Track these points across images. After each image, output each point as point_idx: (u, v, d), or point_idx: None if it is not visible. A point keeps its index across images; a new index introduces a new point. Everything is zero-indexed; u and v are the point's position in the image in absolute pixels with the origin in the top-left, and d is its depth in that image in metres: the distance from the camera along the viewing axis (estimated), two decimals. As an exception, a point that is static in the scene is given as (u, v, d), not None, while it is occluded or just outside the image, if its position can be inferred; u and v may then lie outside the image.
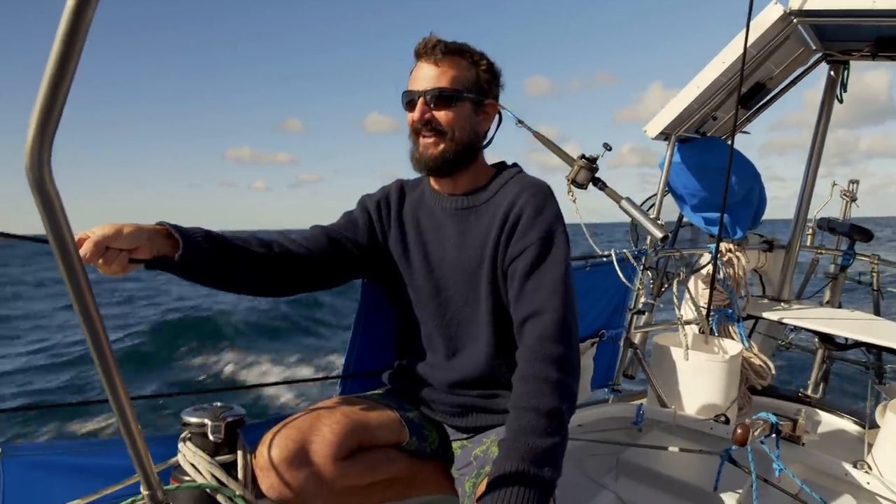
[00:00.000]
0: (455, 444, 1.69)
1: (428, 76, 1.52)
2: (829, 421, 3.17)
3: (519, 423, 1.31)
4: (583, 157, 2.51)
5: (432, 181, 1.66)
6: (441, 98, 1.52)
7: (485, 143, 1.66)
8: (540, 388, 1.34)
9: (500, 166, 1.70)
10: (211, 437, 1.20)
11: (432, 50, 1.51)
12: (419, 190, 1.73)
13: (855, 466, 2.24)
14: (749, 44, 2.64)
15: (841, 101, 3.57)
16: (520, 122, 2.24)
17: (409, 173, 1.71)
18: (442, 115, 1.53)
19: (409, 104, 1.55)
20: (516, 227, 1.51)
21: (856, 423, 3.07)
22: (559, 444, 1.31)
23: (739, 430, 1.80)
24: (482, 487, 1.32)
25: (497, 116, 1.67)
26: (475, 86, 1.57)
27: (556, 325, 1.40)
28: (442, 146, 1.54)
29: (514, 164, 1.70)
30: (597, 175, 2.50)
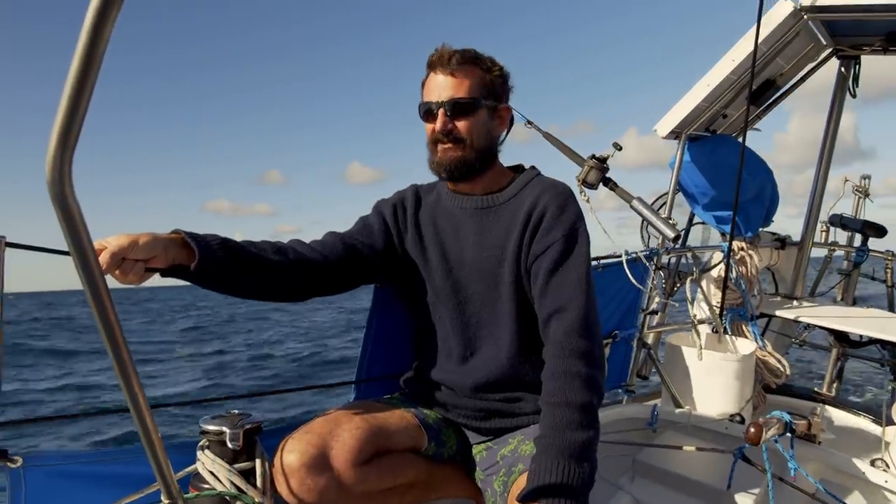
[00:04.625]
0: (478, 447, 1.69)
1: (445, 86, 1.54)
2: (845, 419, 3.14)
3: (554, 419, 1.33)
4: (593, 156, 2.49)
5: (450, 184, 1.68)
6: (460, 107, 1.54)
7: (500, 144, 1.68)
8: (571, 383, 1.36)
9: (518, 168, 1.72)
10: (229, 445, 1.21)
11: (448, 61, 1.53)
12: (435, 193, 1.74)
13: (872, 465, 2.23)
14: (759, 40, 2.62)
15: (854, 96, 3.55)
16: (529, 122, 2.24)
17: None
18: (461, 124, 1.56)
19: (428, 115, 1.58)
20: (539, 226, 1.54)
21: (872, 420, 3.04)
22: (593, 437, 1.34)
23: (752, 429, 1.80)
24: (518, 485, 1.33)
25: (510, 118, 1.69)
26: (490, 92, 1.59)
27: (581, 320, 1.44)
28: (462, 152, 1.57)
29: (532, 167, 1.72)
30: (607, 175, 2.49)
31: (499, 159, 1.69)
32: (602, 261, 2.68)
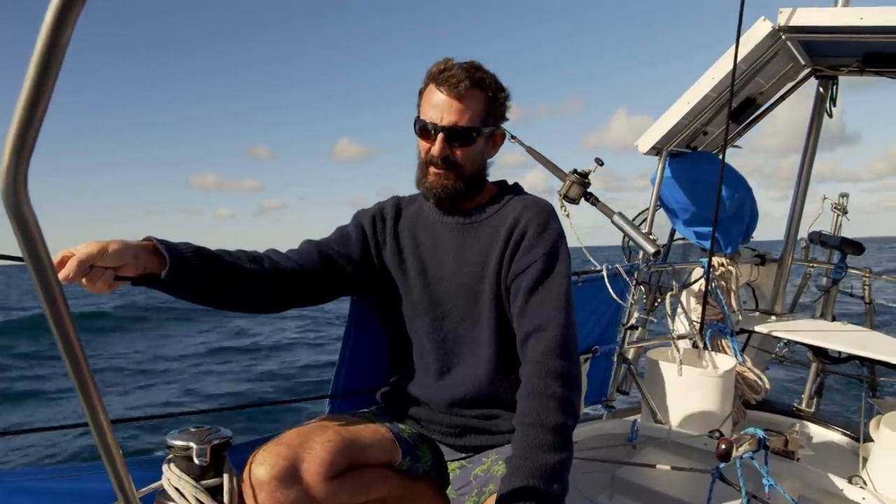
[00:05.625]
0: (453, 465, 1.67)
1: (449, 110, 1.51)
2: (824, 435, 3.16)
3: (526, 440, 1.32)
4: (575, 171, 2.50)
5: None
6: (461, 136, 1.53)
7: (489, 167, 1.67)
8: (546, 404, 1.35)
9: (501, 185, 1.71)
10: (196, 461, 1.18)
11: (456, 84, 1.49)
12: (416, 205, 1.73)
13: (850, 482, 2.23)
14: (738, 59, 2.66)
15: (831, 116, 3.60)
16: (513, 137, 2.25)
17: (377, 199, 1.71)
18: (459, 152, 1.54)
19: (425, 134, 1.55)
20: (521, 244, 1.53)
21: (850, 437, 3.06)
22: (566, 459, 1.32)
23: (722, 446, 1.79)
24: None
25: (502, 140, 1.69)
26: (491, 119, 1.58)
27: (559, 340, 1.43)
28: (453, 181, 1.56)
29: (515, 184, 1.72)
30: (589, 190, 2.50)
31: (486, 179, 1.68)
32: (583, 275, 2.69)
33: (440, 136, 1.52)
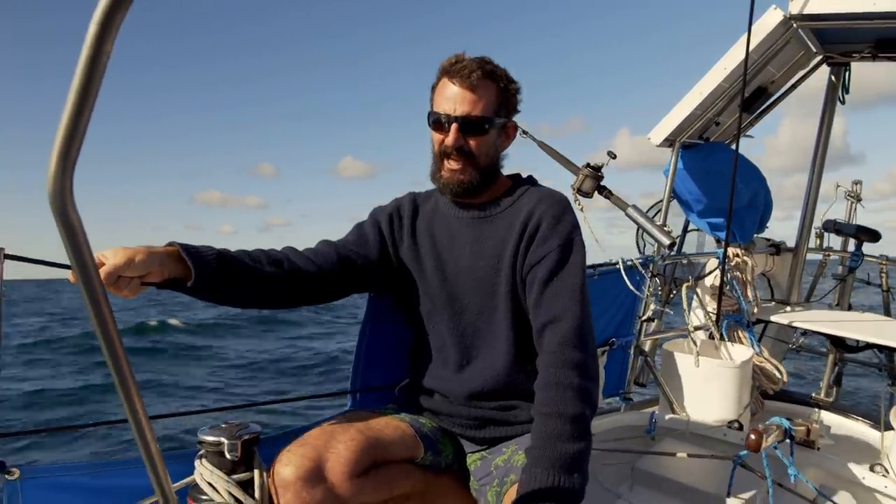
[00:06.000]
0: (473, 457, 1.69)
1: (462, 100, 1.53)
2: (844, 424, 3.15)
3: (545, 430, 1.33)
4: (588, 165, 2.51)
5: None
6: (474, 125, 1.54)
7: (502, 159, 1.69)
8: (564, 394, 1.36)
9: (516, 178, 1.73)
10: (228, 456, 1.21)
11: (468, 75, 1.51)
12: (432, 201, 1.75)
13: (871, 470, 2.23)
14: (750, 48, 2.65)
15: (843, 102, 3.58)
16: (524, 132, 2.26)
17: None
18: (473, 142, 1.56)
19: (439, 125, 1.56)
20: (535, 235, 1.54)
21: (870, 425, 3.05)
22: (585, 449, 1.33)
23: (753, 436, 1.80)
24: (510, 496, 1.33)
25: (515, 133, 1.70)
26: (503, 110, 1.59)
27: (575, 331, 1.44)
28: (469, 173, 1.57)
29: (529, 177, 1.73)
30: (602, 183, 2.50)
31: (500, 170, 1.69)
32: (598, 268, 2.69)
33: (454, 126, 1.53)
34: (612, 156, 2.52)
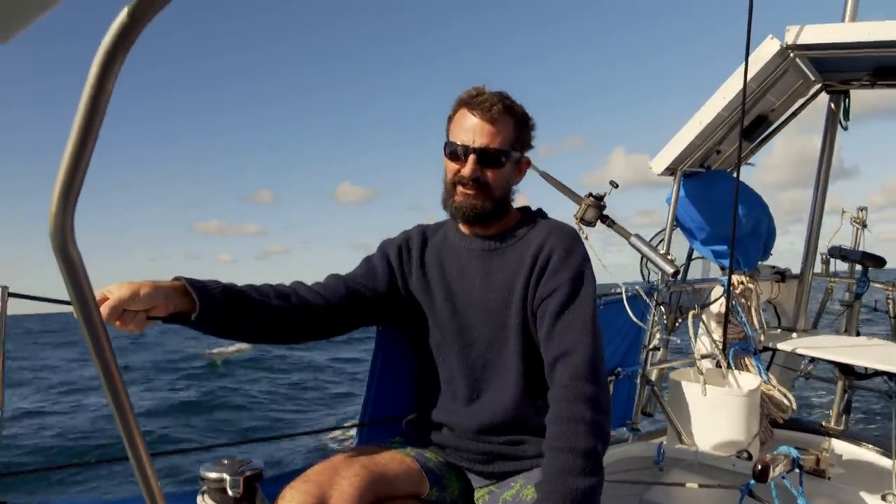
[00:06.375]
0: (481, 491, 1.66)
1: (481, 132, 1.54)
2: (854, 452, 3.10)
3: (557, 464, 1.32)
4: (590, 195, 2.52)
5: (460, 225, 1.69)
6: (492, 158, 1.55)
7: (514, 193, 1.70)
8: (576, 428, 1.35)
9: (525, 210, 1.73)
10: (230, 493, 1.20)
11: (489, 108, 1.53)
12: (441, 233, 1.75)
13: (883, 500, 2.19)
14: (749, 77, 2.67)
15: (845, 129, 3.60)
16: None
17: (379, 241, 1.75)
18: (489, 174, 1.57)
19: (455, 156, 1.57)
20: (546, 268, 1.54)
21: (881, 453, 3.00)
22: (597, 484, 1.32)
23: (760, 466, 1.77)
24: None
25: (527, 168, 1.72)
26: (519, 144, 1.62)
27: (587, 363, 1.43)
28: (482, 202, 1.58)
29: (539, 209, 1.74)
30: (604, 213, 2.51)
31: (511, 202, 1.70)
32: (604, 298, 2.68)
33: (472, 157, 1.54)
34: (615, 185, 2.53)
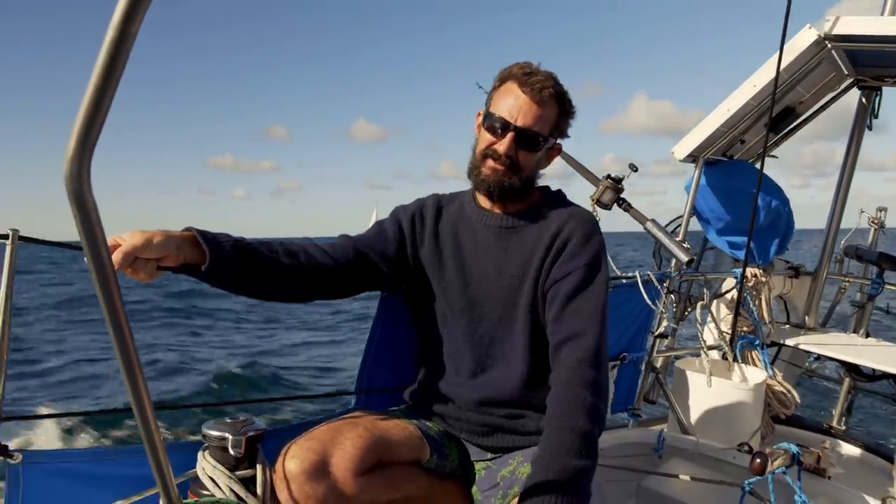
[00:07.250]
0: (479, 465, 1.68)
1: (527, 112, 1.52)
2: (855, 454, 3.09)
3: (555, 442, 1.33)
4: (608, 177, 2.49)
5: (480, 198, 1.67)
6: (531, 140, 1.54)
7: (540, 176, 1.69)
8: (577, 410, 1.37)
9: (545, 191, 1.72)
10: (231, 452, 1.19)
11: (540, 90, 1.51)
12: (457, 204, 1.73)
13: (883, 502, 2.18)
14: (781, 67, 2.61)
15: (870, 129, 3.52)
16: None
17: (393, 181, 1.71)
18: (523, 155, 1.55)
19: (493, 129, 1.55)
20: (563, 251, 1.55)
21: (883, 456, 2.99)
22: (590, 467, 1.34)
23: (757, 460, 1.77)
24: None
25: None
26: (557, 132, 1.61)
27: (594, 350, 1.45)
28: (510, 178, 1.56)
29: (559, 191, 1.72)
30: (622, 195, 2.48)
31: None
32: (613, 281, 2.66)
33: (510, 134, 1.52)
34: (634, 168, 2.49)
